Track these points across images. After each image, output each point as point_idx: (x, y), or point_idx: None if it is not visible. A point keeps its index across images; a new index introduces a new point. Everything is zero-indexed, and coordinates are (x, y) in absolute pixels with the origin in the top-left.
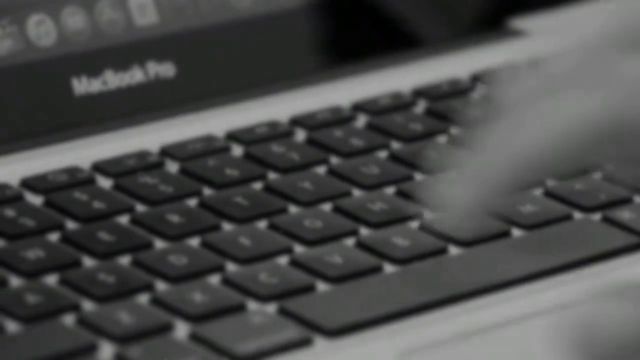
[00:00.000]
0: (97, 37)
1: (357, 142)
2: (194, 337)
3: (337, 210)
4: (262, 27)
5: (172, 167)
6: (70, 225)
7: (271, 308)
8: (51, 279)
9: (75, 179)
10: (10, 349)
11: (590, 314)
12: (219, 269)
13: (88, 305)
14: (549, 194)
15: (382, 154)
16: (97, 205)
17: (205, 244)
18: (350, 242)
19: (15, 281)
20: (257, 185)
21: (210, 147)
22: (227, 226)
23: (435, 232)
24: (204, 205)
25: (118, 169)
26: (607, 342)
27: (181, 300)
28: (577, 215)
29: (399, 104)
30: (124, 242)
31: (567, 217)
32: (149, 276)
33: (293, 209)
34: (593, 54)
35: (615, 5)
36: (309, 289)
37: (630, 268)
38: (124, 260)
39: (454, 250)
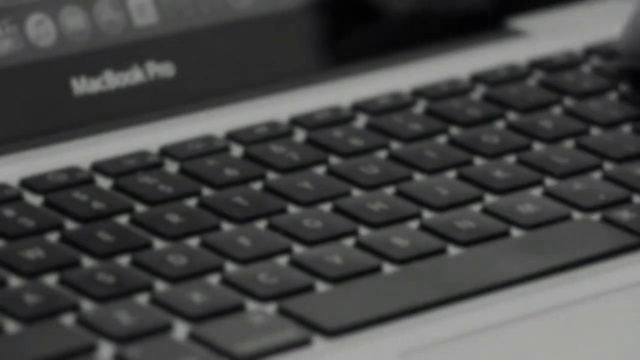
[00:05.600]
0: (96, 37)
1: (356, 142)
2: (193, 338)
3: (337, 210)
4: (262, 27)
5: (172, 167)
6: (70, 225)
7: (271, 308)
8: (51, 279)
9: (75, 179)
10: (10, 349)
11: None
12: (219, 269)
13: (87, 306)
14: (549, 194)
15: (382, 154)
16: (97, 205)
17: (204, 244)
18: (350, 242)
19: (15, 281)
20: (257, 185)
21: (209, 147)
22: (226, 226)
23: None
24: (203, 205)
25: (117, 169)
26: None
27: (180, 300)
28: (577, 215)
29: (399, 104)
30: (123, 242)
31: (567, 217)
32: (148, 276)
33: (292, 209)
34: None
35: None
36: (309, 289)
37: (629, 268)
38: (123, 260)
39: (453, 250)
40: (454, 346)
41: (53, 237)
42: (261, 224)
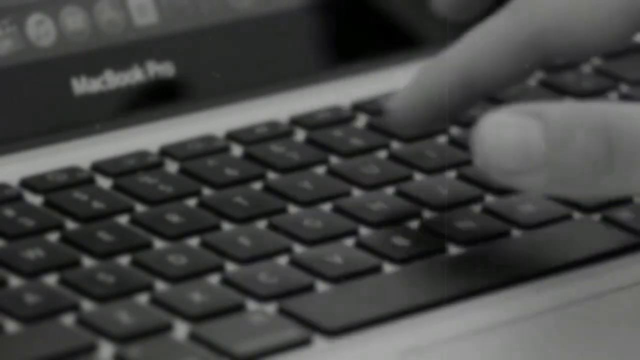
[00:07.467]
0: (96, 37)
1: (357, 142)
2: (194, 337)
3: (337, 210)
4: (262, 27)
5: (172, 167)
6: (70, 225)
7: (271, 308)
8: (51, 279)
9: (75, 179)
10: (10, 349)
11: None
12: (219, 269)
13: (88, 305)
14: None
15: (382, 154)
16: (97, 205)
17: (204, 244)
18: (350, 242)
19: (15, 281)
20: (257, 185)
21: (210, 147)
22: (226, 226)
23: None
24: (203, 205)
25: (118, 169)
26: None
27: (181, 300)
28: (577, 215)
29: None
30: (123, 242)
31: (567, 217)
32: (149, 276)
33: (293, 209)
34: None
35: None
36: (309, 289)
37: (629, 268)
38: (124, 260)
39: (453, 250)
40: (454, 346)
41: (53, 237)
42: (261, 224)
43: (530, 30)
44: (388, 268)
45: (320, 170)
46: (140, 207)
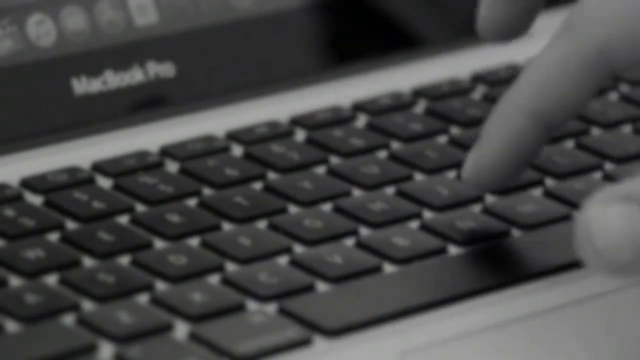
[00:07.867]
0: (97, 37)
1: (357, 142)
2: (194, 337)
3: (337, 210)
4: (262, 27)
5: (172, 167)
6: (70, 225)
7: (271, 308)
8: (51, 279)
9: (75, 178)
10: (10, 349)
11: None
12: (219, 269)
13: (88, 305)
14: (549, 194)
15: (382, 154)
16: (97, 205)
17: (205, 244)
18: (350, 242)
19: (15, 281)
20: (257, 185)
21: (210, 147)
22: (227, 226)
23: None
24: (203, 205)
25: (118, 169)
26: None
27: (181, 300)
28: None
29: (399, 104)
30: (123, 242)
31: (567, 217)
32: (149, 276)
33: (293, 209)
34: None
35: None
36: (309, 289)
37: None
38: (124, 260)
39: (453, 250)
40: (454, 346)
41: (53, 237)
42: (261, 224)
43: (593, 48)
44: (388, 268)
45: (320, 170)
46: (140, 207)
